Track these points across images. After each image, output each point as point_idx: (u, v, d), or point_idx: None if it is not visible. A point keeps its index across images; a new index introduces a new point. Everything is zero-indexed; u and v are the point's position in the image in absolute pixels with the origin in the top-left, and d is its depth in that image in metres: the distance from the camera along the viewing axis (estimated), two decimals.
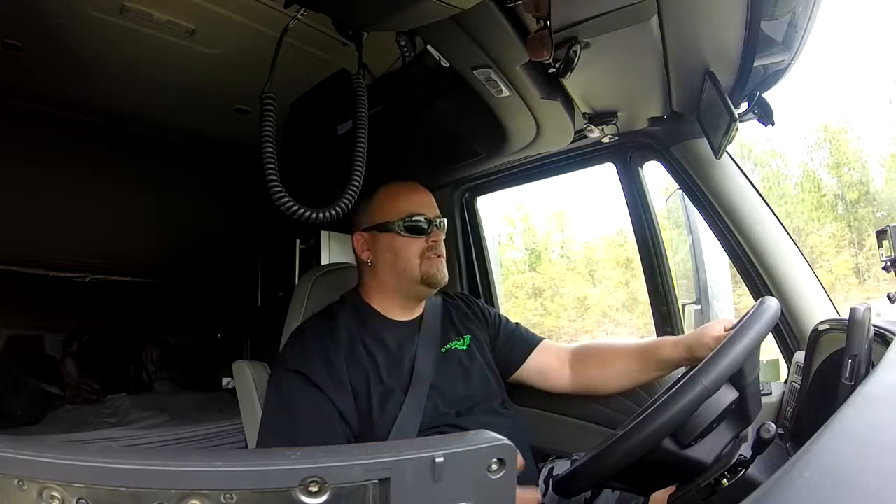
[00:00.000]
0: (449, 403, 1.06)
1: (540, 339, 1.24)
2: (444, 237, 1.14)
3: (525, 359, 1.21)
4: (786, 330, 1.28)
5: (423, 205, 1.12)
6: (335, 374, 0.98)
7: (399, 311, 1.14)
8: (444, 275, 1.11)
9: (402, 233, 1.09)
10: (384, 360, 1.04)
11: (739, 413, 0.72)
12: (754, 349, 0.70)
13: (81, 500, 0.33)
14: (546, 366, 1.21)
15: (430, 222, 1.11)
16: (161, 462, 0.34)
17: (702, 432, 0.69)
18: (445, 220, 1.15)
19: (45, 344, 2.71)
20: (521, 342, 1.23)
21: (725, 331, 0.98)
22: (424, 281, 1.09)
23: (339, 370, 0.99)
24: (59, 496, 0.33)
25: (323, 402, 0.96)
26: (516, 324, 1.28)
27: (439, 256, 1.10)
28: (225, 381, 2.60)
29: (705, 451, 0.70)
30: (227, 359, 1.39)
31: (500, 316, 1.28)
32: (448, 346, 1.14)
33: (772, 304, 0.77)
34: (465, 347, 1.16)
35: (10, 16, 1.27)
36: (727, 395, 0.69)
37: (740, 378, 0.70)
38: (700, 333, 1.03)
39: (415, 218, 1.09)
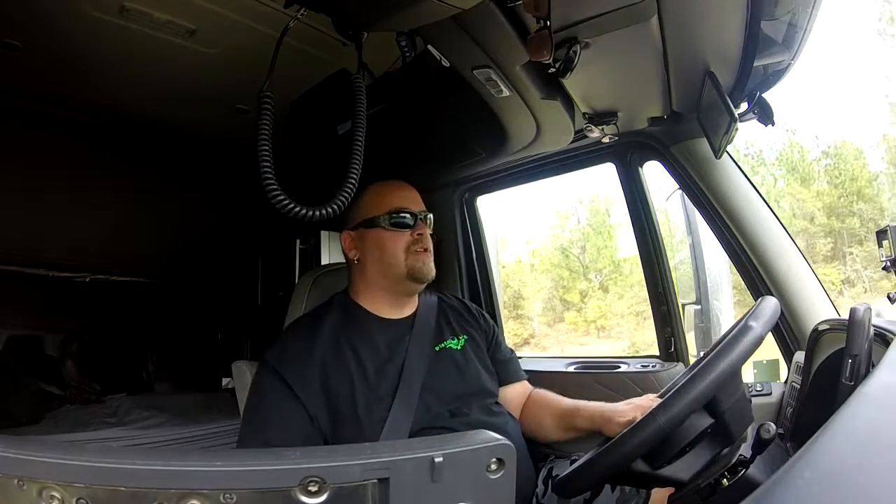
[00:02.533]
0: (443, 403, 1.05)
1: (522, 378, 1.24)
2: (431, 232, 1.14)
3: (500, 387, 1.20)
4: (786, 330, 1.29)
5: (408, 200, 1.13)
6: (304, 373, 0.99)
7: (389, 310, 1.13)
8: (430, 269, 1.10)
9: (387, 227, 1.09)
10: (371, 360, 1.04)
11: (719, 434, 0.70)
12: (729, 378, 0.66)
13: (81, 500, 0.33)
14: (510, 402, 1.20)
15: (415, 217, 1.12)
16: (161, 462, 0.34)
17: (674, 455, 0.68)
18: (432, 216, 1.16)
19: (45, 344, 2.71)
20: (505, 373, 1.21)
21: (627, 417, 0.94)
22: (410, 275, 1.09)
23: (310, 370, 0.99)
24: (58, 496, 0.33)
25: (290, 400, 0.97)
26: (511, 351, 1.28)
27: (425, 250, 1.10)
28: (225, 381, 2.60)
29: (680, 470, 0.69)
30: (227, 359, 1.39)
31: (497, 336, 1.26)
32: (442, 344, 1.13)
33: (756, 325, 0.69)
34: (459, 347, 1.15)
35: (10, 16, 1.27)
36: (701, 421, 0.67)
37: (715, 405, 0.67)
38: (613, 415, 0.98)
39: (400, 213, 1.10)
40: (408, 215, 1.11)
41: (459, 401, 1.07)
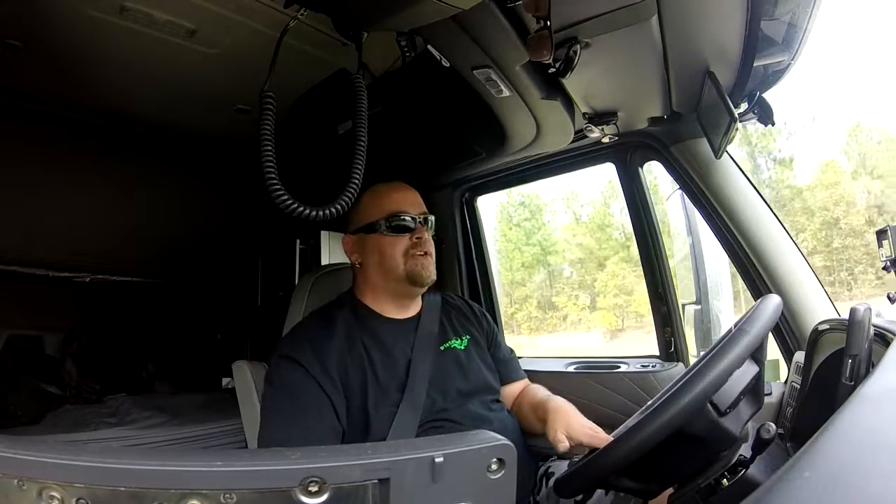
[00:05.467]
0: (447, 399, 1.07)
1: (523, 377, 1.25)
2: (433, 234, 1.14)
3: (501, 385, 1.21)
4: (786, 330, 1.29)
5: (407, 203, 1.12)
6: (324, 365, 0.99)
7: (394, 310, 1.14)
8: (429, 272, 1.10)
9: (386, 233, 1.09)
10: (380, 358, 1.05)
11: (755, 391, 0.73)
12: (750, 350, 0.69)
13: (81, 500, 0.33)
14: (509, 400, 1.21)
15: (414, 220, 1.11)
16: (161, 462, 0.34)
17: (733, 402, 0.70)
18: (433, 218, 1.15)
19: (45, 344, 2.71)
20: (505, 373, 1.22)
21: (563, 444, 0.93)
22: (409, 279, 1.09)
23: (329, 362, 1.00)
24: (58, 496, 0.33)
25: (317, 391, 0.97)
26: (511, 350, 1.29)
27: (425, 254, 1.10)
28: (225, 381, 2.60)
29: (735, 422, 0.71)
30: (227, 359, 1.39)
31: (497, 336, 1.27)
32: (446, 344, 1.15)
33: (768, 306, 0.73)
34: (463, 347, 1.16)
35: (10, 16, 1.27)
36: (749, 370, 0.71)
37: (759, 353, 0.71)
38: (554, 426, 0.96)
39: (399, 217, 1.10)
40: (407, 219, 1.10)
41: (463, 398, 1.09)
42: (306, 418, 0.95)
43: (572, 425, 0.94)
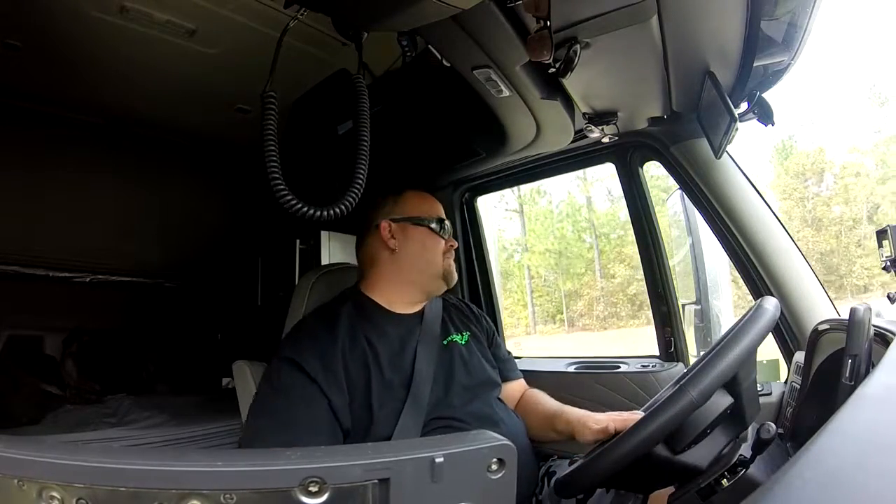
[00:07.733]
0: (452, 395, 1.07)
1: (519, 377, 1.28)
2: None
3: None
4: (786, 330, 1.29)
5: (444, 214, 1.24)
6: (328, 365, 0.99)
7: (403, 305, 1.16)
8: (456, 276, 1.21)
9: (435, 230, 1.18)
10: (386, 353, 1.05)
11: (736, 417, 0.71)
12: (748, 356, 0.68)
13: (81, 501, 0.33)
14: (507, 399, 1.22)
15: (445, 229, 1.22)
16: (161, 462, 0.34)
17: (695, 438, 0.69)
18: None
19: (45, 344, 2.71)
20: (503, 371, 1.24)
21: (602, 424, 0.94)
22: (444, 276, 1.17)
23: (333, 361, 0.99)
24: (58, 496, 0.33)
25: (312, 391, 0.96)
26: (508, 352, 1.32)
27: (453, 259, 1.21)
28: (225, 381, 2.60)
29: (700, 456, 0.70)
30: (227, 359, 1.39)
31: (496, 337, 1.30)
32: (448, 339, 1.17)
33: (768, 306, 0.72)
34: (464, 342, 1.19)
35: (10, 16, 1.27)
36: (721, 401, 0.68)
37: (735, 384, 0.68)
38: (588, 420, 0.98)
39: (444, 223, 1.21)
40: (447, 228, 1.21)
41: (468, 393, 1.10)
42: (298, 425, 0.93)
43: (599, 417, 0.98)
